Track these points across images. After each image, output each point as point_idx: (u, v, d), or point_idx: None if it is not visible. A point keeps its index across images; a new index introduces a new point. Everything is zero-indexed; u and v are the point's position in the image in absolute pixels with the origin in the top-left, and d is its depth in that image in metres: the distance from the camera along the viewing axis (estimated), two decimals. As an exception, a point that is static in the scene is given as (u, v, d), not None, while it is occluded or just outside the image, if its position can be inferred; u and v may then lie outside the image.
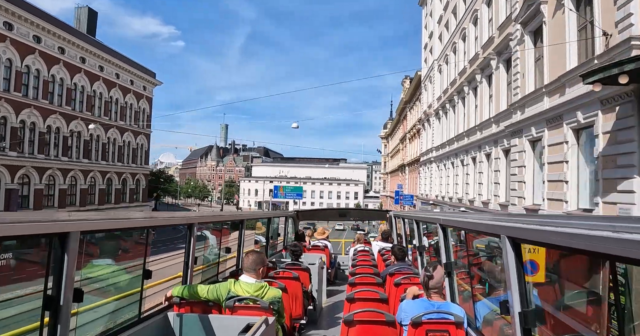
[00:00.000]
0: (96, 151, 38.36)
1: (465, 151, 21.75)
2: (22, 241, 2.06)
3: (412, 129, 43.20)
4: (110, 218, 2.47)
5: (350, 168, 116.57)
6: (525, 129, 14.01)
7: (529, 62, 14.09)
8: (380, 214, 13.32)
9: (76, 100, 35.75)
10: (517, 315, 2.11)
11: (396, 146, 59.41)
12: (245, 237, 5.63)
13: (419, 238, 6.10)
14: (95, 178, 38.17)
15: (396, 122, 60.08)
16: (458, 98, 23.66)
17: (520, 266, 2.13)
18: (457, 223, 3.49)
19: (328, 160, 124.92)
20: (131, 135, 43.32)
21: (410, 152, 44.61)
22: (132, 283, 3.68)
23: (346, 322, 3.25)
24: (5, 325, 4.16)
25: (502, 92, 17.29)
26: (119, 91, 41.00)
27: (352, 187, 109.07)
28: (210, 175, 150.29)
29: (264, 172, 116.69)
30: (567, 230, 1.38)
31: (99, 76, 38.15)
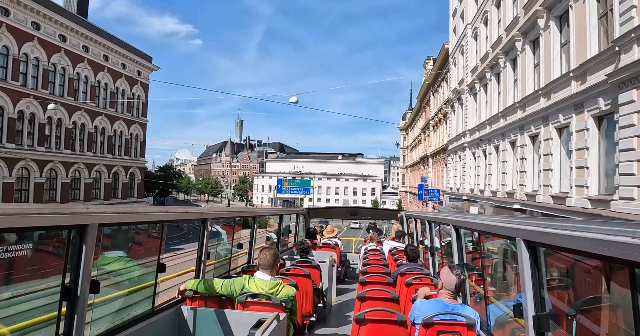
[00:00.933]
0: (80, 141, 34.03)
1: (518, 128, 16.21)
2: (42, 232, 2.14)
3: (436, 115, 37.48)
4: (127, 212, 2.50)
5: (367, 163, 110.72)
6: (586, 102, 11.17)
7: (592, 17, 11.01)
8: (391, 214, 12.81)
9: (55, 83, 31.42)
10: (531, 319, 2.06)
11: (417, 137, 53.62)
12: (257, 234, 5.63)
13: (430, 238, 5.98)
14: (79, 171, 33.89)
15: (417, 110, 54.25)
16: (505, 60, 18.00)
17: (536, 270, 2.09)
18: (471, 225, 3.44)
19: (344, 155, 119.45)
20: (123, 124, 38.93)
21: (435, 142, 38.90)
22: (147, 276, 3.70)
23: (357, 321, 3.22)
24: (23, 314, 3.91)
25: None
26: (108, 75, 36.58)
27: (369, 183, 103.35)
28: (224, 171, 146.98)
29: (278, 167, 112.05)
30: (585, 235, 1.36)
31: (83, 57, 33.75)
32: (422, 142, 49.39)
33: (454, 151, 27.74)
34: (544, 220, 2.08)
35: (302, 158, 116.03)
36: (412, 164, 58.57)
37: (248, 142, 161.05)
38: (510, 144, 17.24)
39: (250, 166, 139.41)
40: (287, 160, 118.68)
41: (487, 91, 20.85)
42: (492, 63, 19.55)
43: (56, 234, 2.23)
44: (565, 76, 12.27)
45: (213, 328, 3.07)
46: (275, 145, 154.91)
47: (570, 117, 11.95)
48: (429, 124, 41.63)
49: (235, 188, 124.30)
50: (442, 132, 35.24)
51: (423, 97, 48.13)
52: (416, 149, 55.47)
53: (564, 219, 2.23)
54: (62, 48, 31.55)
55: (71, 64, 32.34)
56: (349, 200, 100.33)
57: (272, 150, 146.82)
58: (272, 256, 3.45)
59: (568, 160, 12.08)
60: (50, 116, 30.75)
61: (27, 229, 1.74)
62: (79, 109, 33.50)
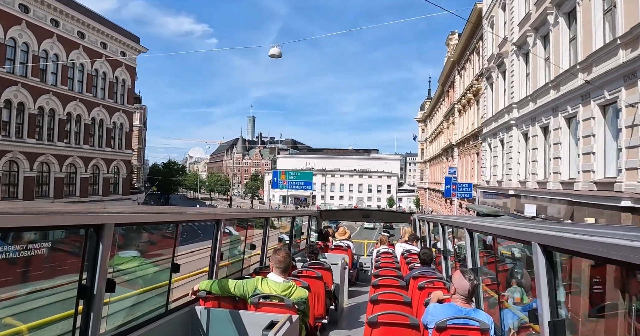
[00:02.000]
0: (50, 129, 29.12)
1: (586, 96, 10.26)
2: (59, 231, 2.31)
3: (464, 96, 31.32)
4: (142, 212, 2.52)
5: (383, 158, 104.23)
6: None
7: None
8: (404, 217, 12.04)
9: (15, 61, 26.52)
10: (546, 325, 2.00)
11: (438, 127, 47.42)
12: (269, 235, 5.67)
13: (443, 242, 5.90)
14: (48, 164, 29.01)
15: (438, 95, 47.99)
16: None
17: (552, 275, 2.03)
18: (485, 229, 3.35)
19: (358, 151, 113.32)
20: (104, 112, 33.98)
21: (461, 128, 32.76)
22: (161, 276, 3.75)
23: (370, 323, 3.21)
24: (42, 311, 4.04)
25: None
26: (84, 55, 31.61)
27: (384, 180, 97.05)
28: (236, 168, 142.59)
29: (290, 164, 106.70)
30: (602, 240, 1.32)
31: (51, 32, 28.82)
32: (444, 132, 43.21)
33: (492, 134, 21.68)
34: (560, 224, 2.08)
35: (315, 154, 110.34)
36: (432, 158, 52.35)
37: (260, 139, 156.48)
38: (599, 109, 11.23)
39: (262, 163, 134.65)
40: (299, 156, 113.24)
41: (548, 42, 14.81)
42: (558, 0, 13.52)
43: (73, 233, 2.33)
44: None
45: (226, 328, 3.06)
46: (287, 142, 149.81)
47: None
48: (454, 109, 35.49)
49: (246, 185, 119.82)
50: (471, 115, 29.09)
51: (446, 80, 41.90)
52: (437, 140, 49.25)
53: (580, 224, 2.26)
54: (23, 20, 26.63)
55: (36, 40, 27.43)
56: (363, 198, 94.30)
57: (284, 147, 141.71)
58: (286, 257, 3.42)
59: None
60: (9, 99, 25.88)
61: (46, 228, 1.86)
62: (47, 92, 28.59)
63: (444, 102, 44.49)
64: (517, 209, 16.86)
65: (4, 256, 2.11)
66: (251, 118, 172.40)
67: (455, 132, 34.51)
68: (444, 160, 42.79)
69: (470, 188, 24.73)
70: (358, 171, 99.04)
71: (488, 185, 22.10)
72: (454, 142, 34.53)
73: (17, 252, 2.15)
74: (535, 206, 14.59)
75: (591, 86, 10.81)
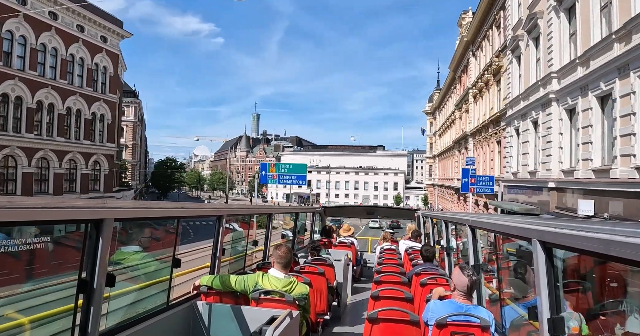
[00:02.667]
0: (16, 119, 25.87)
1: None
2: (60, 226, 2.21)
3: (481, 77, 27.50)
4: (143, 207, 2.55)
5: (389, 155, 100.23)
6: None
7: None
8: (408, 213, 11.95)
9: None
10: (545, 322, 1.98)
11: (449, 117, 43.59)
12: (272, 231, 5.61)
13: (446, 238, 5.87)
14: (15, 158, 25.77)
15: (449, 83, 44.12)
16: None
17: (551, 272, 2.01)
18: (487, 225, 3.39)
19: (364, 147, 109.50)
20: (80, 101, 30.67)
21: (477, 115, 28.96)
22: (162, 271, 3.83)
23: (370, 319, 3.18)
24: (42, 305, 3.98)
25: None
26: (57, 38, 28.32)
27: (391, 177, 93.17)
28: (240, 166, 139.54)
29: (294, 161, 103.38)
30: (601, 236, 1.31)
31: (17, 10, 25.50)
32: (455, 123, 39.40)
33: (520, 116, 17.92)
34: (560, 221, 1.98)
35: (319, 151, 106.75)
36: (442, 152, 48.50)
37: (265, 136, 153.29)
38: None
39: (267, 161, 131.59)
40: (303, 153, 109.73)
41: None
42: None
43: (73, 227, 2.28)
44: None
45: (227, 323, 3.05)
46: (292, 139, 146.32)
47: None
48: (467, 95, 31.67)
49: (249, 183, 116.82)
50: (490, 99, 25.29)
51: (458, 64, 38.04)
52: (447, 132, 45.42)
53: (581, 220, 2.08)
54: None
55: None
56: (369, 196, 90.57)
57: (289, 144, 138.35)
58: (287, 253, 3.40)
59: None
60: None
61: (45, 222, 1.77)
62: (12, 78, 25.34)
63: (455, 90, 40.61)
64: (560, 206, 13.14)
65: (4, 251, 2.11)
66: (255, 116, 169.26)
67: (470, 120, 30.72)
68: (455, 153, 38.95)
69: (492, 182, 21.00)
70: (364, 168, 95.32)
71: (515, 177, 18.36)
72: (468, 131, 30.75)
73: (17, 246, 2.16)
74: (593, 201, 10.86)
75: None
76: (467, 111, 32.57)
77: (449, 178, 43.12)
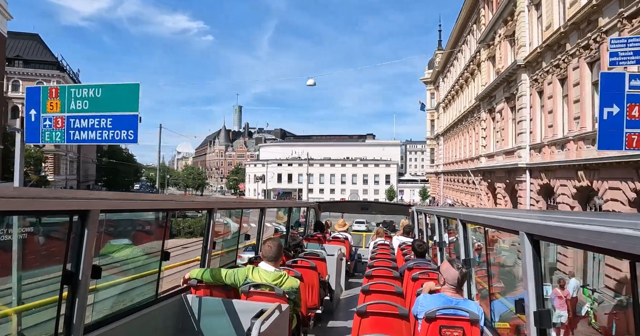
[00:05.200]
0: None
1: None
2: (44, 216, 2.28)
3: None
4: (130, 198, 2.46)
5: (380, 144, 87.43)
6: None
7: None
8: (403, 209, 11.95)
9: None
10: (532, 315, 1.97)
11: (460, 77, 30.90)
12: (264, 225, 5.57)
13: (439, 233, 5.84)
14: None
15: (459, 30, 31.29)
16: None
17: (539, 265, 2.00)
18: (477, 219, 3.39)
19: (352, 137, 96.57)
20: None
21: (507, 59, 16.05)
22: (151, 264, 3.74)
23: (359, 313, 3.11)
24: (25, 297, 4.05)
25: None
26: None
27: (383, 168, 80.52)
28: (218, 162, 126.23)
29: (275, 154, 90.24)
30: (588, 227, 1.31)
31: None
32: (471, 82, 26.71)
33: None
34: (547, 213, 2.06)
35: (303, 141, 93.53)
36: (450, 127, 35.79)
37: (247, 129, 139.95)
38: None
39: (248, 155, 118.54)
40: (284, 144, 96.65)
41: None
42: None
43: (59, 219, 2.22)
44: None
45: (217, 317, 3.01)
46: (276, 132, 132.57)
47: None
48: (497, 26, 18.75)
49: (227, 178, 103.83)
50: None
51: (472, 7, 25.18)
52: (458, 99, 32.71)
53: (571, 212, 2.20)
54: None
55: None
56: (357, 190, 77.80)
57: (272, 137, 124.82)
58: (277, 247, 3.32)
59: None
60: None
61: (28, 213, 1.75)
62: None
63: (470, 35, 27.82)
64: None
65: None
66: (237, 108, 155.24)
67: (522, 43, 17.62)
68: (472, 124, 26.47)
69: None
70: (352, 160, 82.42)
71: None
72: (521, 61, 17.45)
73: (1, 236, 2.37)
74: None
75: None
76: (502, 42, 19.77)
77: (461, 160, 30.48)
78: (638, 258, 1.09)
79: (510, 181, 18.19)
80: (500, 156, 20.11)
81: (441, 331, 2.76)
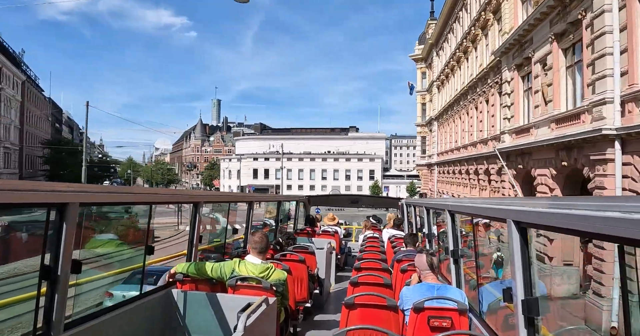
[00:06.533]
0: None
1: None
2: (20, 209, 2.09)
3: None
4: (110, 191, 2.35)
5: (364, 138, 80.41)
6: None
7: None
8: (393, 202, 11.51)
9: None
10: (520, 303, 1.94)
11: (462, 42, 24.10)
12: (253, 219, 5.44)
13: (428, 225, 5.80)
14: None
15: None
16: None
17: (526, 253, 1.96)
18: (465, 209, 3.34)
19: (334, 130, 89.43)
20: None
21: None
22: (135, 259, 3.72)
23: (347, 305, 3.08)
24: (1, 292, 3.93)
25: None
26: None
27: (367, 163, 73.82)
28: (194, 157, 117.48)
29: (251, 148, 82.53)
30: (574, 212, 1.27)
31: None
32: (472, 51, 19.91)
33: None
34: (534, 200, 2.01)
35: (282, 135, 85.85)
36: (446, 109, 29.13)
37: (226, 124, 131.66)
38: None
39: (225, 150, 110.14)
40: (261, 137, 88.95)
41: None
42: None
43: (36, 212, 2.15)
44: None
45: (203, 311, 2.90)
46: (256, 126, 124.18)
47: None
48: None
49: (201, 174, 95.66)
50: None
51: None
52: (458, 72, 25.98)
53: (556, 198, 2.15)
54: None
55: None
56: (339, 186, 70.78)
57: (252, 131, 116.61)
58: (263, 240, 3.26)
59: None
60: None
61: (4, 205, 1.62)
62: None
63: None
64: None
65: None
66: (216, 101, 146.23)
67: None
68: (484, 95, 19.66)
69: None
70: (334, 154, 75.40)
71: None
72: None
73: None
74: None
75: None
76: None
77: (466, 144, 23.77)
78: (625, 241, 1.07)
79: (575, 161, 11.17)
80: (545, 127, 13.15)
81: (429, 322, 2.74)
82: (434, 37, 32.93)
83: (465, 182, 24.06)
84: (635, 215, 0.94)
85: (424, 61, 37.26)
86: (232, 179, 77.90)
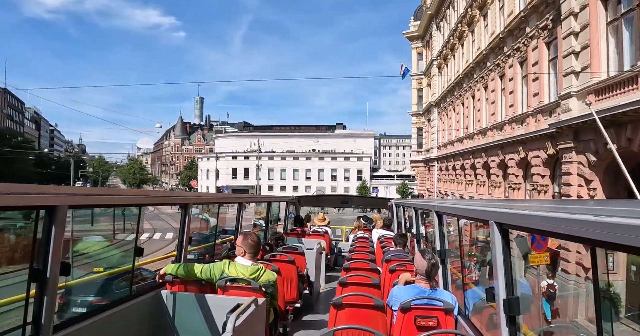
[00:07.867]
0: None
1: None
2: (9, 212, 2.03)
3: None
4: (99, 193, 2.33)
5: (351, 136, 74.48)
6: None
7: None
8: (383, 203, 11.59)
9: None
10: (502, 302, 1.97)
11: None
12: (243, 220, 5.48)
13: (416, 225, 5.83)
14: None
15: None
16: None
17: (508, 253, 1.99)
18: (451, 210, 3.41)
19: (320, 127, 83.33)
20: None
21: None
22: (124, 260, 3.59)
23: (335, 305, 3.10)
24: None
25: None
26: None
27: (354, 162, 68.04)
28: (174, 156, 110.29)
29: (230, 146, 75.90)
30: (550, 214, 1.33)
31: None
32: (489, 8, 14.19)
33: None
34: (516, 202, 1.97)
35: (264, 132, 79.39)
36: (449, 90, 23.37)
37: (208, 122, 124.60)
38: None
39: (207, 149, 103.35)
40: (242, 135, 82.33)
41: None
42: None
43: (25, 215, 2.00)
44: None
45: (192, 312, 2.90)
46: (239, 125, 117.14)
47: None
48: None
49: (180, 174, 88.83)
50: None
51: None
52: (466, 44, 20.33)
53: (538, 200, 2.18)
54: None
55: None
56: (324, 187, 64.75)
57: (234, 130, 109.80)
58: (254, 241, 3.20)
59: None
60: None
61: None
62: None
63: None
64: None
65: None
66: (198, 99, 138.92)
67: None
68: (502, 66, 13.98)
69: None
70: (319, 152, 69.35)
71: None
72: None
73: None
74: None
75: None
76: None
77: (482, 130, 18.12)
78: (597, 243, 1.10)
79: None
80: None
81: (416, 321, 2.75)
82: (434, 5, 27.18)
83: (472, 179, 18.26)
84: (605, 219, 0.97)
85: (420, 39, 31.57)
86: (211, 180, 71.29)
